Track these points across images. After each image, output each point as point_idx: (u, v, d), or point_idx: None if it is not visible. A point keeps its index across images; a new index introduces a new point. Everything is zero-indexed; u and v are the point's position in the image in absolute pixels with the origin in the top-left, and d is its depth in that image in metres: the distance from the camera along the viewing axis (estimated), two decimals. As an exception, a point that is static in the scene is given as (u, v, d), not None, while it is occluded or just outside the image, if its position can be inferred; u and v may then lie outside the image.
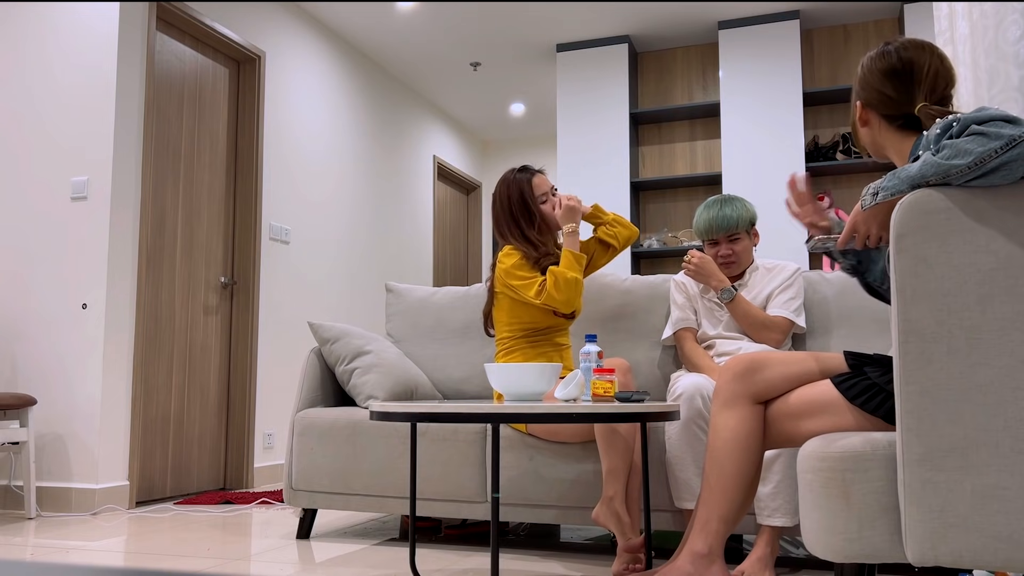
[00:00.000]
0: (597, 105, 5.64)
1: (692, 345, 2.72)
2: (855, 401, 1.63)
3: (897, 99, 1.66)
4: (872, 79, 1.70)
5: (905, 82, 1.66)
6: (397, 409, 2.04)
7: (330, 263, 5.37)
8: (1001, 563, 1.29)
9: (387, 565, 2.52)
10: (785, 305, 2.65)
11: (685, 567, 1.79)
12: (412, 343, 3.37)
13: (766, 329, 2.63)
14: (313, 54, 5.29)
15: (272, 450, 4.69)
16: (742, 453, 1.76)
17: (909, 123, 1.67)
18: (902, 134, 1.68)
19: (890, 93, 1.67)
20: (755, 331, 2.64)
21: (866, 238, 1.62)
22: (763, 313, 2.64)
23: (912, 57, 1.66)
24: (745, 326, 2.65)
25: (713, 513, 1.78)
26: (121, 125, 3.81)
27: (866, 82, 1.71)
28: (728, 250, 2.71)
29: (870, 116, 1.72)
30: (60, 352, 3.70)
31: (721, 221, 2.69)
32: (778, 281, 2.71)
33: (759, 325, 2.63)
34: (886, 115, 1.69)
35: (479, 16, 5.31)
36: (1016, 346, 1.30)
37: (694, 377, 2.43)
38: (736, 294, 2.63)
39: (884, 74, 1.68)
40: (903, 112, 1.67)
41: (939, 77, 1.65)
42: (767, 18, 5.32)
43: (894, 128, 1.69)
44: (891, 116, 1.68)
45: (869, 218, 1.59)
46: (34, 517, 3.48)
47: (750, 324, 2.63)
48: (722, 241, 2.72)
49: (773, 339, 2.63)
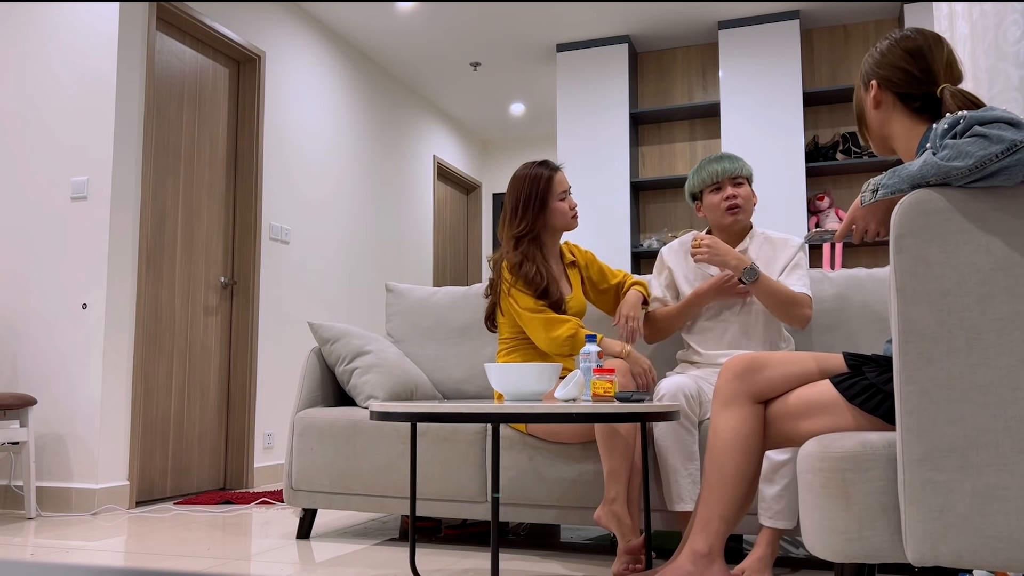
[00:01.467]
0: (597, 105, 5.64)
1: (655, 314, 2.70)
2: (854, 401, 1.63)
3: (919, 77, 1.65)
4: (894, 58, 1.68)
5: (928, 62, 1.66)
6: (397, 409, 2.04)
7: (330, 263, 5.37)
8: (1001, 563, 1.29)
9: (387, 565, 2.52)
10: (801, 281, 2.55)
11: (686, 566, 1.80)
12: (412, 343, 3.37)
13: (794, 305, 2.47)
14: (313, 54, 5.29)
15: (272, 450, 4.69)
16: (742, 453, 1.76)
17: (926, 106, 1.66)
18: (915, 120, 1.66)
19: (913, 70, 1.66)
20: (782, 309, 2.47)
21: (863, 233, 1.63)
22: (788, 289, 2.49)
23: (932, 44, 1.68)
24: (770, 304, 2.48)
25: (714, 512, 1.78)
26: (121, 125, 3.81)
27: (885, 61, 1.69)
28: (734, 192, 2.59)
29: (885, 97, 1.70)
30: (60, 352, 3.70)
31: (727, 163, 2.60)
32: (785, 257, 2.60)
33: (787, 301, 2.47)
34: (905, 95, 1.67)
35: (479, 16, 5.31)
36: (1016, 346, 1.30)
37: (675, 378, 2.43)
38: (760, 272, 2.48)
39: (909, 52, 1.67)
40: (924, 91, 1.65)
41: (954, 67, 1.67)
42: (767, 18, 5.32)
43: (909, 112, 1.67)
44: (910, 96, 1.66)
45: (867, 214, 1.60)
46: (34, 517, 3.48)
47: (776, 302, 2.47)
48: (726, 185, 2.60)
49: (803, 315, 2.49)
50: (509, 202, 2.75)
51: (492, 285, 2.75)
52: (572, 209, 2.76)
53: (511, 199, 2.75)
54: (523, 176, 2.75)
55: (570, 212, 2.75)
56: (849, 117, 5.43)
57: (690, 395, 2.39)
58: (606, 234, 5.49)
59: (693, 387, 2.41)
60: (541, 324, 2.58)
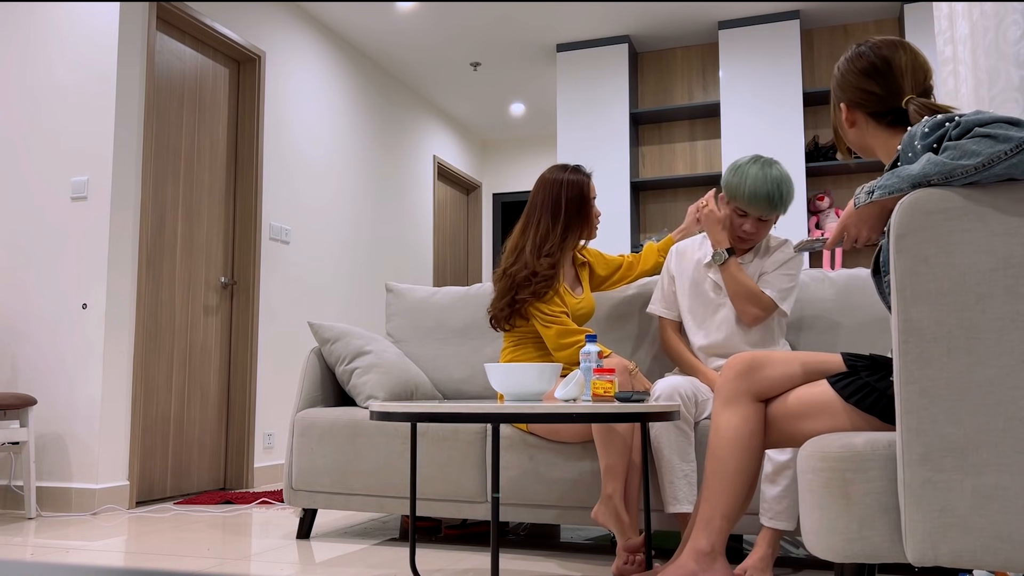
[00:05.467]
0: (597, 105, 5.64)
1: (672, 337, 2.67)
2: (851, 400, 1.63)
3: (882, 95, 1.68)
4: (853, 79, 1.72)
5: (887, 78, 1.68)
6: (397, 409, 2.04)
7: (330, 263, 5.37)
8: (1001, 563, 1.29)
9: (387, 565, 2.52)
10: (775, 285, 2.49)
11: (689, 565, 1.80)
12: (412, 343, 3.37)
13: (750, 301, 2.45)
14: (313, 54, 5.29)
15: (272, 450, 4.69)
16: (744, 451, 1.76)
17: (897, 118, 1.69)
18: (891, 131, 1.69)
19: (874, 90, 1.69)
20: (739, 300, 2.47)
21: (855, 240, 1.62)
22: (753, 284, 2.47)
23: (887, 54, 1.69)
24: (731, 291, 2.48)
25: (716, 511, 1.78)
26: (121, 125, 3.81)
27: (847, 84, 1.73)
28: (753, 229, 2.47)
29: (857, 116, 1.74)
30: (60, 352, 3.70)
31: (776, 199, 2.40)
32: (775, 259, 2.54)
33: (744, 294, 2.46)
34: (873, 113, 1.70)
35: (479, 16, 5.31)
36: (1016, 346, 1.30)
37: (671, 379, 2.43)
38: (729, 259, 2.48)
39: (864, 73, 1.70)
40: (890, 108, 1.68)
41: (917, 70, 1.68)
42: (767, 18, 5.32)
43: (883, 125, 1.70)
44: (879, 113, 1.70)
45: (859, 220, 1.60)
46: (34, 517, 3.48)
47: (736, 291, 2.47)
48: (751, 218, 2.47)
49: (752, 314, 2.47)
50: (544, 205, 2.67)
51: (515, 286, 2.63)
52: (597, 217, 2.75)
53: (547, 202, 2.67)
54: (560, 180, 2.68)
55: (596, 220, 2.74)
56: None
57: (686, 396, 2.39)
58: (606, 234, 5.49)
59: (689, 388, 2.41)
60: (556, 331, 2.59)
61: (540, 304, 2.60)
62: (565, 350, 2.58)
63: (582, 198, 2.67)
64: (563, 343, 2.58)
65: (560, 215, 2.66)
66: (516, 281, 2.62)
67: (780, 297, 2.48)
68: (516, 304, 2.63)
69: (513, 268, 2.65)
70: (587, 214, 2.69)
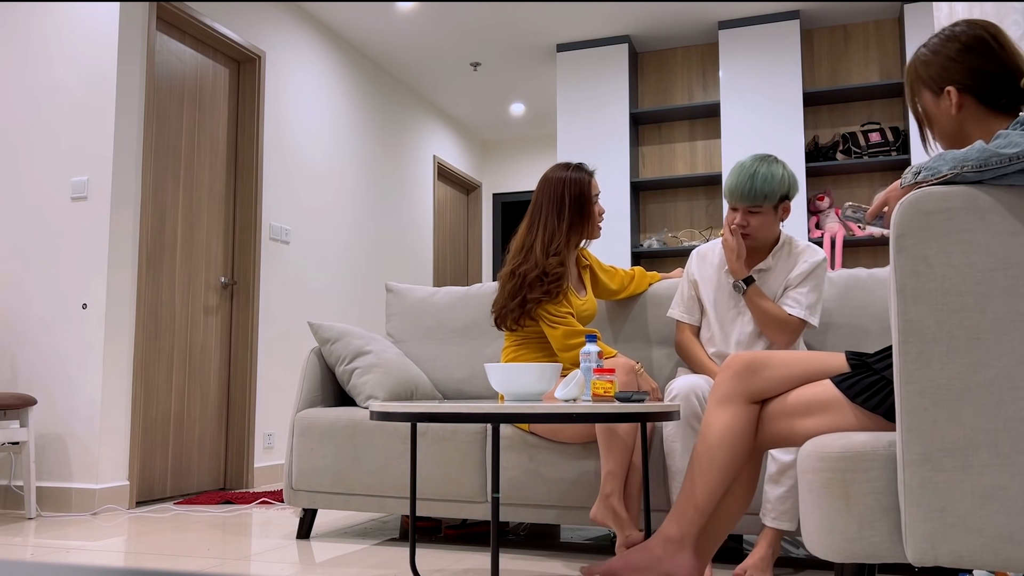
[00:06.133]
0: (597, 105, 5.64)
1: (689, 338, 2.66)
2: (856, 400, 1.63)
3: (999, 74, 1.58)
4: (960, 59, 1.60)
5: (999, 56, 1.59)
6: (397, 409, 2.04)
7: (330, 263, 5.37)
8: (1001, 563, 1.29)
9: (387, 565, 2.52)
10: (799, 300, 2.46)
11: (655, 549, 1.81)
12: (412, 343, 3.37)
13: (778, 329, 2.44)
14: (313, 54, 5.29)
15: (272, 450, 4.69)
16: (727, 450, 1.76)
17: (1011, 103, 1.59)
18: (1000, 117, 1.59)
19: (989, 69, 1.58)
20: (768, 328, 2.46)
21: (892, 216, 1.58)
22: (779, 310, 2.45)
23: (994, 31, 1.60)
24: (758, 320, 2.47)
25: (690, 502, 1.79)
26: (121, 125, 3.81)
27: (953, 65, 1.61)
28: (744, 221, 2.46)
29: (966, 100, 1.61)
30: (60, 352, 3.70)
31: (745, 189, 2.42)
32: (799, 270, 2.49)
33: (771, 321, 2.44)
34: (989, 94, 1.59)
35: (479, 16, 5.31)
36: (1016, 346, 1.30)
37: (690, 377, 2.42)
38: (747, 289, 2.47)
39: (980, 53, 1.59)
40: (1006, 89, 1.58)
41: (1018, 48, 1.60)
42: (767, 18, 5.32)
43: (994, 111, 1.60)
44: (994, 95, 1.59)
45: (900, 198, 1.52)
46: (34, 517, 3.48)
47: (762, 319, 2.46)
48: (740, 210, 2.46)
49: (783, 340, 2.46)
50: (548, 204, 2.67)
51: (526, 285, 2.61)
52: (600, 215, 2.74)
53: (550, 202, 2.66)
54: (562, 179, 2.68)
55: (599, 219, 2.73)
56: (849, 117, 5.43)
57: (702, 396, 2.37)
58: (606, 234, 5.49)
59: (706, 388, 2.39)
60: (562, 332, 2.58)
61: (549, 305, 2.60)
62: (571, 351, 2.57)
63: (584, 197, 2.67)
64: (569, 344, 2.57)
65: (564, 214, 2.66)
66: (527, 281, 2.60)
67: (808, 314, 2.46)
68: (527, 304, 2.61)
69: (523, 268, 2.63)
70: (589, 213, 2.69)
